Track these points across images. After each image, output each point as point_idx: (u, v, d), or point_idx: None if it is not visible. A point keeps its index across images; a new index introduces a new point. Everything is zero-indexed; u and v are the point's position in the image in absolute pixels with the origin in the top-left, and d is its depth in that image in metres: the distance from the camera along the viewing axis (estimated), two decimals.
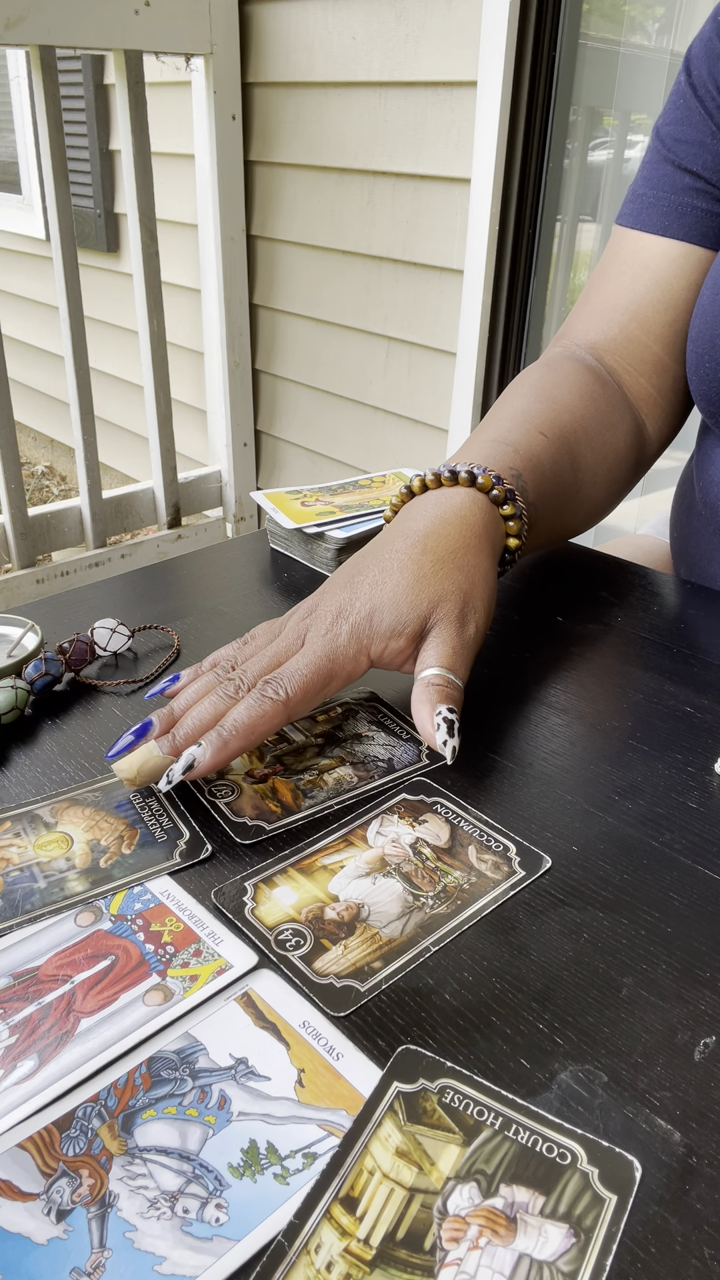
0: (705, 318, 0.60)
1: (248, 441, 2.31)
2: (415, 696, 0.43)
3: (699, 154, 0.62)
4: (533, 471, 0.54)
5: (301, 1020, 0.31)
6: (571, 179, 1.69)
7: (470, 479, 0.50)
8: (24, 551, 1.93)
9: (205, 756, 0.40)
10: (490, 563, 0.48)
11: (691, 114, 0.63)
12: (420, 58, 1.69)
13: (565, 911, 0.36)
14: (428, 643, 0.45)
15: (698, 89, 0.63)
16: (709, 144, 0.62)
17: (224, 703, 0.42)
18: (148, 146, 1.85)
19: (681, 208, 0.63)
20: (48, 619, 0.57)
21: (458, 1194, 0.26)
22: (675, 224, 0.64)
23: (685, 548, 0.70)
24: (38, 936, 0.35)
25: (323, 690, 0.43)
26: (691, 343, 0.62)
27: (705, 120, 0.62)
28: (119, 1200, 0.26)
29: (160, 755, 0.41)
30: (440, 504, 0.49)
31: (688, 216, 0.63)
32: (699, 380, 0.62)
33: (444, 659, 0.44)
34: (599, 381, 0.63)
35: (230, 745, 0.40)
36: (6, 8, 1.59)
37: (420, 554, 0.46)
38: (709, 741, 0.46)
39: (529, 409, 0.59)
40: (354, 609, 0.45)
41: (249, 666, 0.44)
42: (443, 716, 0.42)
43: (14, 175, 3.08)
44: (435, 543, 0.47)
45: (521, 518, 0.52)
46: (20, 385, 3.19)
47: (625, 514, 1.82)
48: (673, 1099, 0.29)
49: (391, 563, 0.46)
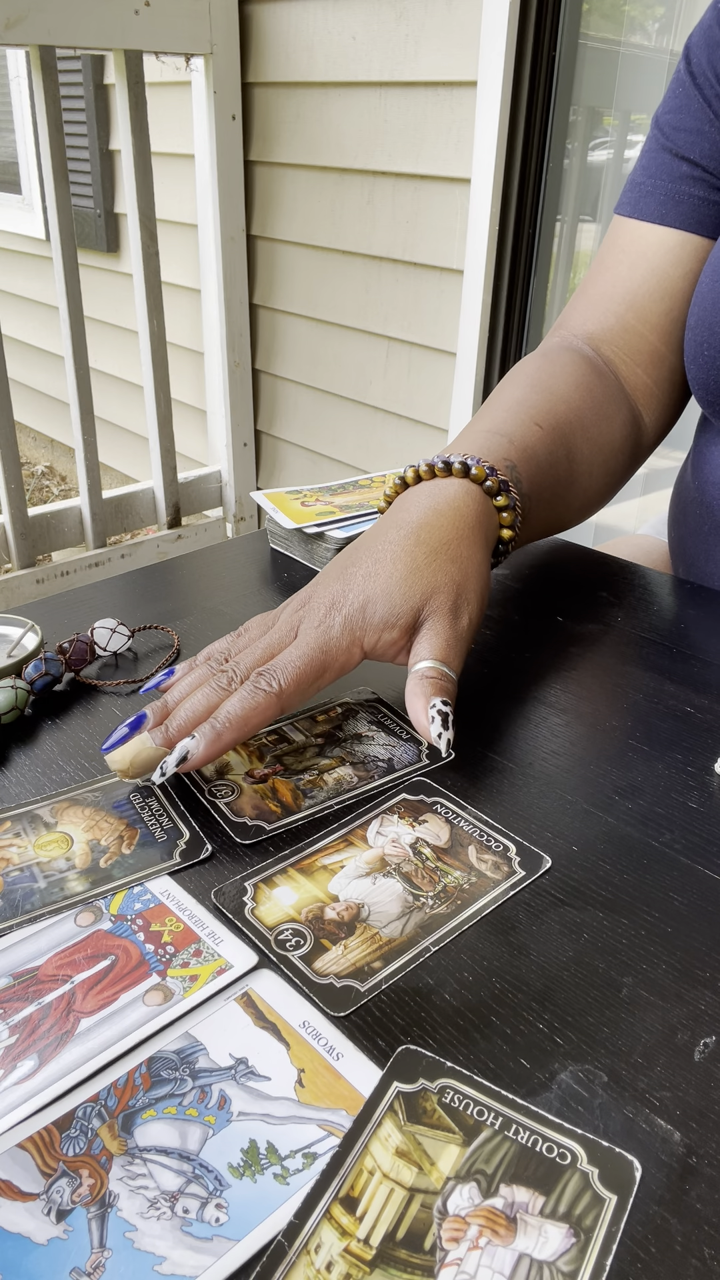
0: (704, 305, 0.60)
1: (248, 441, 2.31)
2: (409, 689, 0.43)
3: (697, 142, 0.62)
4: (527, 463, 0.54)
5: (301, 1020, 0.31)
6: (571, 179, 1.69)
7: (464, 470, 0.50)
8: (24, 551, 1.93)
9: (199, 749, 0.40)
10: (484, 554, 0.48)
11: (690, 102, 0.63)
12: (420, 58, 1.69)
13: (565, 911, 0.36)
14: (421, 635, 0.45)
15: (697, 77, 0.63)
16: (707, 132, 0.62)
17: (217, 695, 0.42)
18: (148, 146, 1.85)
19: (679, 196, 0.63)
20: (48, 619, 0.57)
21: (458, 1194, 0.26)
22: (672, 212, 0.64)
23: (683, 547, 0.70)
24: (38, 936, 0.35)
25: (315, 682, 0.43)
26: (690, 330, 0.61)
27: (704, 108, 0.62)
28: (119, 1200, 0.26)
29: (153, 747, 0.41)
30: (434, 495, 0.49)
31: (685, 204, 0.63)
32: (697, 368, 0.62)
33: (437, 651, 0.44)
34: (595, 372, 0.63)
35: (224, 737, 0.40)
36: (6, 8, 1.59)
37: (413, 545, 0.46)
38: (709, 741, 0.46)
39: (525, 399, 0.59)
40: (347, 600, 0.45)
41: (242, 659, 0.44)
42: (437, 709, 0.42)
43: (14, 175, 3.08)
44: (428, 534, 0.47)
45: (515, 509, 0.52)
46: (20, 385, 3.18)
47: (625, 514, 1.82)
48: (673, 1099, 0.29)
49: (385, 554, 0.46)
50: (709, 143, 0.62)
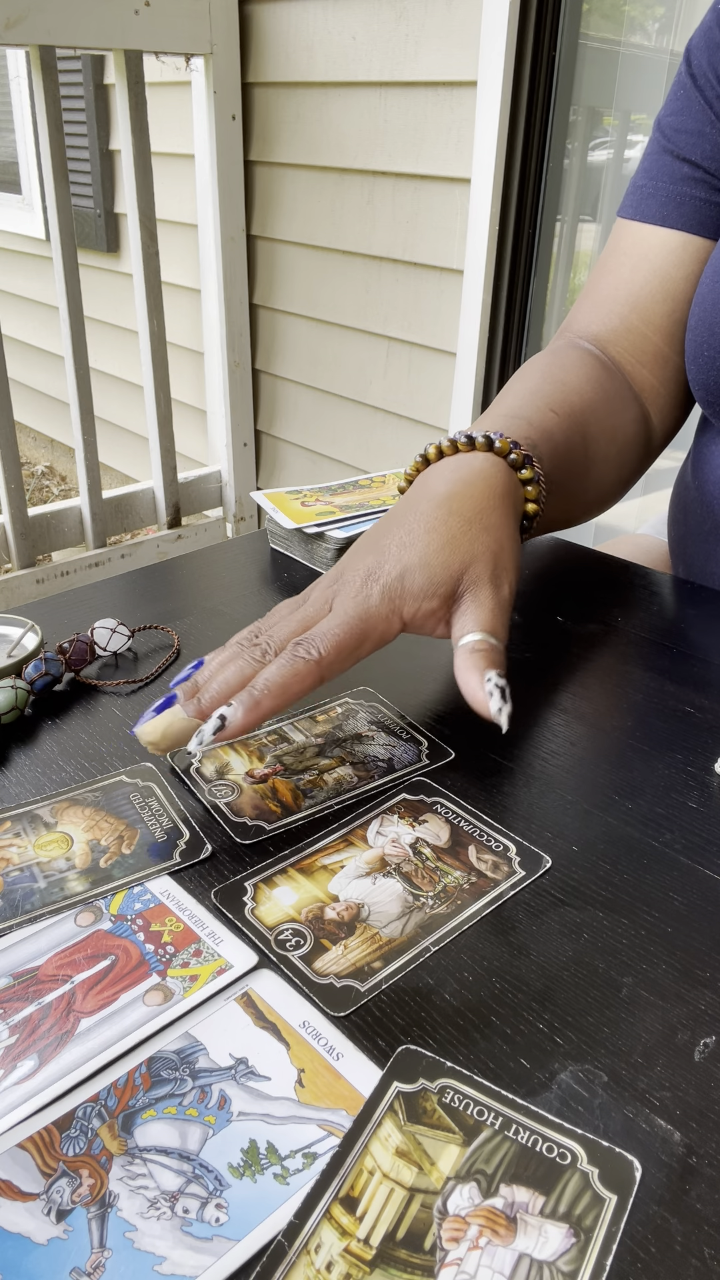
0: (704, 306, 0.60)
1: (248, 441, 2.31)
2: (460, 664, 0.42)
3: (698, 143, 0.63)
4: (546, 443, 0.54)
5: (301, 1020, 0.31)
6: (571, 179, 1.69)
7: (488, 443, 0.50)
8: (24, 551, 1.93)
9: (237, 715, 0.38)
10: (515, 525, 0.48)
11: (691, 104, 0.63)
12: (420, 58, 1.69)
13: (565, 911, 0.36)
14: (463, 606, 0.44)
15: (697, 79, 0.63)
16: (708, 133, 0.62)
17: (251, 666, 0.41)
18: (148, 146, 1.85)
19: (680, 197, 0.63)
20: (48, 619, 0.57)
21: (458, 1194, 0.26)
22: (674, 214, 0.64)
23: (683, 547, 0.70)
24: (38, 936, 0.35)
25: (355, 651, 0.42)
26: (690, 331, 0.62)
27: (705, 110, 0.62)
28: (119, 1200, 0.26)
29: (186, 718, 0.40)
30: (459, 468, 0.48)
31: (686, 206, 0.63)
32: (697, 369, 0.62)
33: (484, 623, 0.43)
34: (604, 369, 0.63)
35: (263, 705, 0.39)
36: (6, 8, 1.59)
37: (447, 515, 0.45)
38: (709, 741, 0.46)
39: (539, 389, 0.59)
40: (384, 570, 0.44)
41: (275, 631, 0.43)
42: (494, 684, 0.40)
43: (14, 175, 3.08)
44: (460, 504, 0.46)
45: (539, 483, 0.51)
46: (20, 385, 3.18)
47: (625, 514, 1.82)
48: (673, 1099, 0.29)
49: (417, 525, 0.45)
50: (710, 144, 0.62)
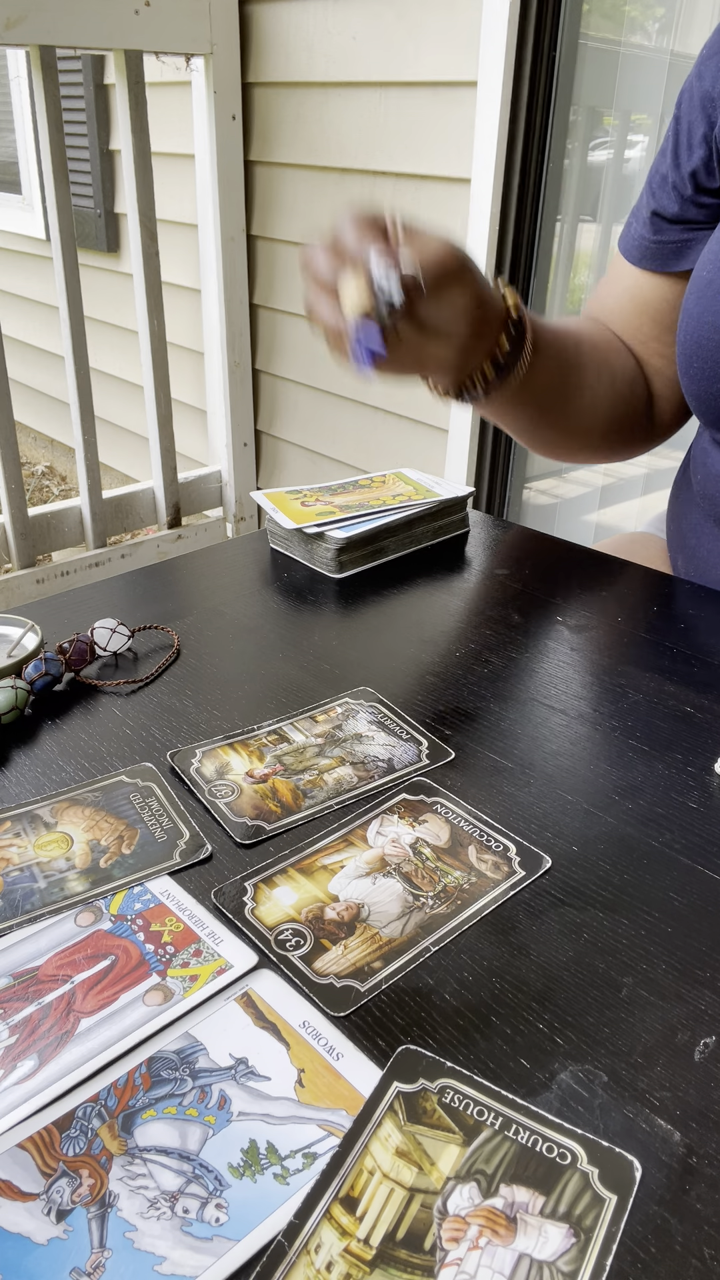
0: (690, 320, 0.62)
1: (248, 441, 2.31)
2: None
3: (663, 186, 0.66)
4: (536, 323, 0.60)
5: (301, 1020, 0.31)
6: (571, 179, 1.69)
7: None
8: (24, 551, 1.93)
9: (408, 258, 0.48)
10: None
11: (666, 147, 0.67)
12: (420, 58, 1.69)
13: (565, 911, 0.36)
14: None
15: (679, 121, 0.66)
16: (668, 176, 0.65)
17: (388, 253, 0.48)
18: (148, 146, 1.85)
19: (642, 241, 0.68)
20: (48, 619, 0.57)
21: (458, 1194, 0.26)
22: (636, 253, 0.69)
23: (683, 539, 0.71)
24: (38, 936, 0.35)
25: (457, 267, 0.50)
26: (680, 346, 0.64)
27: (674, 154, 0.65)
28: (119, 1200, 0.26)
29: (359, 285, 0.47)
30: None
31: (647, 250, 0.68)
32: (689, 380, 0.63)
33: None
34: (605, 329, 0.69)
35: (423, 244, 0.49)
36: (6, 8, 1.59)
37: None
38: (709, 741, 0.46)
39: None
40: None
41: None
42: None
43: (14, 175, 3.08)
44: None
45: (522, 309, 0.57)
46: (20, 385, 3.18)
47: (625, 514, 1.82)
48: (673, 1099, 0.29)
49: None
50: (672, 188, 0.65)
